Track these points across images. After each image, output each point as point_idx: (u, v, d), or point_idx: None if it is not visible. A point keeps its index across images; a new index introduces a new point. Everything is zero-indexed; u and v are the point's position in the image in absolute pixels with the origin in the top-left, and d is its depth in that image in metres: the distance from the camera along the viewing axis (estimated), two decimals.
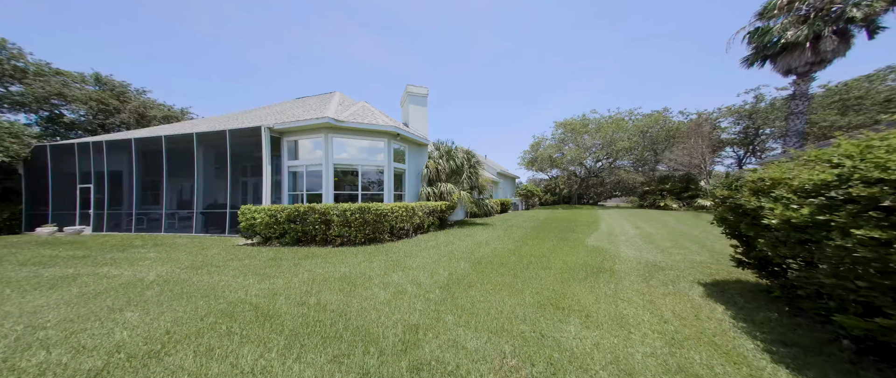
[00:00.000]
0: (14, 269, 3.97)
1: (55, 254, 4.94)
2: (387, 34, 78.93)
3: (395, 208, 6.14)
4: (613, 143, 25.75)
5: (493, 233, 7.78)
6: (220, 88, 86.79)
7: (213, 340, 1.99)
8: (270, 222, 5.32)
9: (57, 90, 12.98)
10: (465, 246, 5.67)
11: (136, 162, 7.60)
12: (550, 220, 11.51)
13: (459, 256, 4.73)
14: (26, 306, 2.59)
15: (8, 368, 1.64)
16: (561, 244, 5.94)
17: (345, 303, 2.69)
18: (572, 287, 3.18)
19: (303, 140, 7.20)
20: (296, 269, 3.83)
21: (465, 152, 9.93)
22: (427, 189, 8.75)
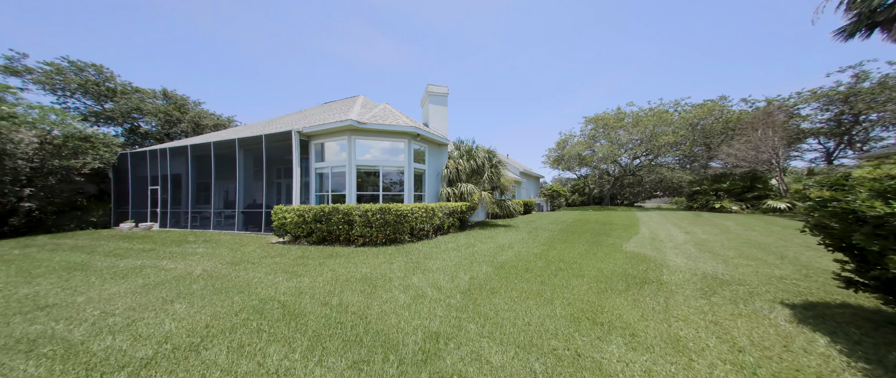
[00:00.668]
0: (100, 259, 4.74)
1: (130, 247, 5.82)
2: (408, 36, 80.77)
3: (414, 209, 6.15)
4: (654, 138, 23.07)
5: (516, 235, 7.43)
6: (259, 97, 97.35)
7: (245, 337, 2.09)
8: (299, 222, 5.67)
9: (136, 105, 15.47)
10: (487, 249, 5.46)
11: (191, 166, 8.69)
12: (580, 223, 10.72)
13: (481, 260, 4.56)
14: (104, 293, 3.03)
15: (84, 350, 1.89)
16: (594, 249, 5.43)
17: (365, 305, 2.70)
18: (611, 299, 2.84)
19: (328, 142, 7.58)
20: (320, 268, 3.99)
21: (486, 151, 9.66)
22: (447, 189, 8.68)
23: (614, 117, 25.65)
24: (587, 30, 59.78)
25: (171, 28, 41.98)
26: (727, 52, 51.54)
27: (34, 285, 3.36)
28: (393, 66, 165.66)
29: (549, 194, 22.62)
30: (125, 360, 1.77)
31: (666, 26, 57.19)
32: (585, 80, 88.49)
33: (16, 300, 2.88)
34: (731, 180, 17.62)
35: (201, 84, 55.80)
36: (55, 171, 8.81)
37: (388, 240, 5.87)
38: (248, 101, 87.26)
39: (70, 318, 2.41)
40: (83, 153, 9.28)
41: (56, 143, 8.81)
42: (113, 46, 32.86)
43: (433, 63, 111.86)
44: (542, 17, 58.01)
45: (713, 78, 53.85)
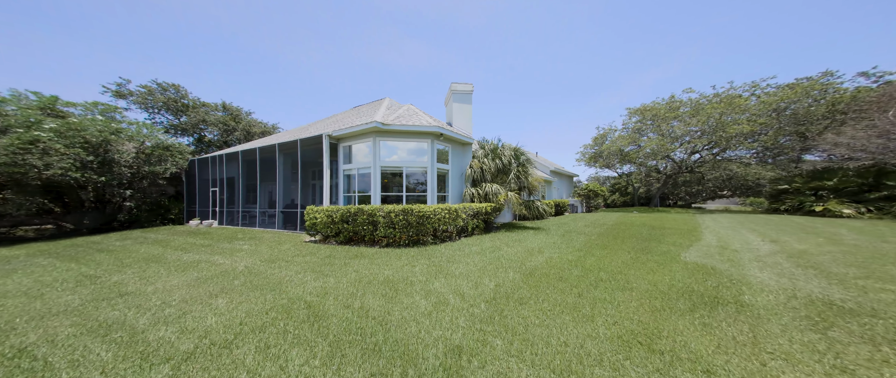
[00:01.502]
0: (171, 252, 5.59)
1: (194, 242, 6.79)
2: (435, 37, 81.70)
3: (437, 210, 6.07)
4: (721, 129, 19.37)
5: (546, 238, 6.89)
6: (298, 105, 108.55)
7: (271, 337, 2.18)
8: (328, 222, 6.00)
9: (202, 118, 18.27)
10: (514, 253, 5.12)
11: (241, 170, 9.90)
12: (622, 226, 9.55)
13: (507, 265, 4.28)
14: (168, 284, 3.51)
15: (142, 339, 2.15)
16: (642, 258, 4.72)
17: (386, 310, 2.66)
18: (671, 321, 2.37)
19: (355, 145, 7.93)
20: (345, 268, 4.12)
21: (512, 150, 9.17)
22: (471, 190, 8.44)
23: (666, 107, 22.32)
24: (633, 13, 53.20)
25: (231, 49, 49.21)
26: (828, 17, 39.88)
27: (122, 274, 4.07)
28: (420, 66, 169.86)
29: (585, 194, 20.70)
30: (171, 353, 1.95)
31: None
32: (630, 70, 79.28)
33: (107, 286, 3.49)
34: (842, 176, 13.77)
35: (252, 96, 64.09)
36: (146, 175, 10.81)
37: (411, 241, 5.90)
38: (288, 109, 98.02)
39: (139, 306, 2.81)
40: (165, 160, 11.23)
41: (147, 152, 10.80)
42: (187, 68, 40.32)
43: (460, 62, 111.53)
44: (580, 3, 53.43)
45: (807, 50, 42.49)
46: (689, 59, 59.51)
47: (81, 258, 5.26)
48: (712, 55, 57.20)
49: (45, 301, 3.03)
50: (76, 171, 8.49)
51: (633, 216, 14.50)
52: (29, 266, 4.72)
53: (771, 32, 44.22)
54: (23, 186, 8.26)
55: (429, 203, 7.74)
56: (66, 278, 3.90)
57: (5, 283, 3.78)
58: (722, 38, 52.59)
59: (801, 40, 43.21)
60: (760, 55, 48.60)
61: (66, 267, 4.57)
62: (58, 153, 8.17)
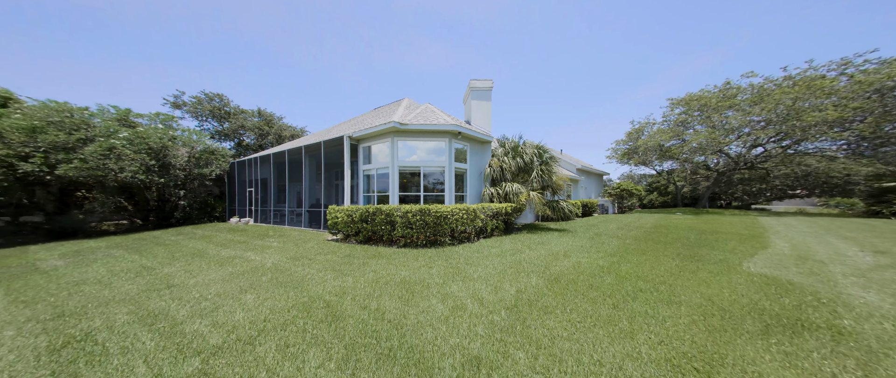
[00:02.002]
0: (212, 248, 6.21)
1: (232, 238, 7.49)
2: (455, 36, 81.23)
3: (455, 210, 5.98)
4: (795, 117, 16.31)
5: (573, 241, 6.44)
6: (323, 108, 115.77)
7: (291, 336, 2.26)
8: (348, 221, 6.22)
9: (241, 123, 20.23)
10: (537, 256, 4.85)
11: (272, 171, 10.73)
12: (663, 229, 8.59)
13: (530, 269, 4.06)
14: (207, 278, 3.86)
15: (180, 331, 2.36)
16: (691, 266, 4.17)
17: (401, 313, 2.64)
18: (737, 346, 2.02)
19: (374, 145, 8.13)
20: (363, 268, 4.20)
21: (534, 147, 8.72)
22: (490, 189, 8.20)
23: (719, 95, 19.52)
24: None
25: (265, 57, 54.11)
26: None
27: (171, 266, 4.59)
28: (440, 66, 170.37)
29: (617, 194, 19.07)
30: (202, 346, 2.10)
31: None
32: (668, 59, 70.85)
33: (159, 277, 3.95)
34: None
35: (282, 101, 69.68)
36: (196, 177, 12.24)
37: (428, 242, 5.88)
38: (316, 113, 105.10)
39: (181, 298, 3.12)
40: (211, 163, 12.62)
41: (197, 156, 12.22)
42: (228, 75, 45.25)
43: (481, 60, 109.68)
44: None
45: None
46: (742, 43, 51.08)
47: (143, 251, 6.08)
48: (769, 39, 47.56)
49: (112, 289, 3.51)
50: (142, 174, 9.89)
51: (676, 218, 13.02)
52: (105, 257, 5.56)
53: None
54: (104, 187, 9.83)
55: (446, 203, 7.67)
56: (129, 269, 4.51)
57: (87, 271, 4.48)
58: (779, 21, 42.65)
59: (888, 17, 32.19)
60: (831, 36, 38.02)
61: (131, 258, 5.30)
62: (128, 158, 9.58)
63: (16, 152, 8.22)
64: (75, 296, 3.28)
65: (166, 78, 39.10)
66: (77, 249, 6.58)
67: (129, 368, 1.82)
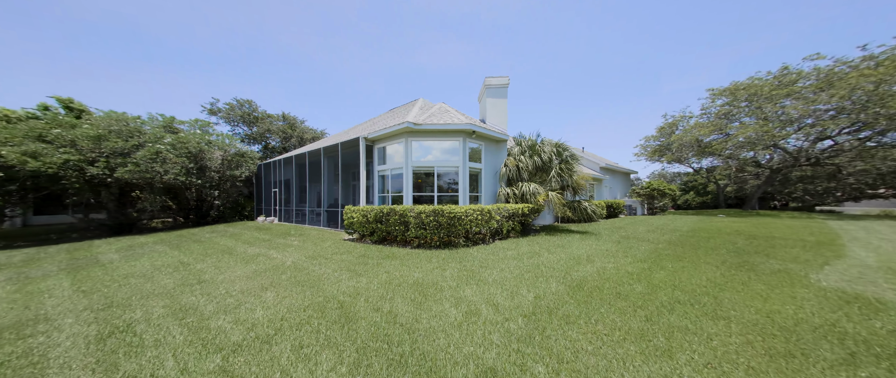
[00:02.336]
0: (240, 245, 6.67)
1: (258, 236, 8.00)
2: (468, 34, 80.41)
3: (469, 211, 5.87)
4: (878, 103, 13.73)
5: (597, 244, 6.04)
6: (342, 110, 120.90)
7: (305, 336, 2.31)
8: (363, 221, 6.36)
9: (267, 127, 21.66)
10: (557, 260, 4.62)
11: (294, 172, 11.33)
12: (703, 233, 7.78)
13: (549, 274, 3.86)
14: (233, 275, 4.13)
15: (206, 326, 2.51)
16: (741, 276, 3.72)
17: (414, 317, 2.61)
18: (813, 376, 1.71)
19: (389, 146, 8.25)
20: (377, 269, 4.25)
21: (553, 145, 8.32)
22: (506, 190, 7.97)
23: (773, 82, 17.14)
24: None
25: (288, 63, 57.74)
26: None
27: (204, 262, 4.98)
28: (456, 66, 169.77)
29: (646, 194, 17.66)
30: (224, 343, 2.21)
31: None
32: (704, 49, 63.49)
33: (193, 273, 4.30)
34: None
35: (304, 105, 73.84)
36: (228, 178, 13.30)
37: (442, 243, 5.84)
38: (335, 115, 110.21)
39: (209, 294, 3.34)
40: (241, 165, 13.65)
41: (229, 159, 13.28)
42: (256, 82, 49.22)
43: (498, 58, 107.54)
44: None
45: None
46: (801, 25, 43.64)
47: (182, 247, 6.69)
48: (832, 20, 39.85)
49: (153, 282, 3.87)
50: (183, 176, 10.93)
51: (718, 221, 11.77)
52: (151, 252, 6.19)
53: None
54: (152, 188, 11.01)
55: (460, 203, 7.57)
56: (169, 264, 4.96)
57: (135, 265, 5.00)
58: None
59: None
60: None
61: (171, 254, 5.85)
62: (171, 161, 10.65)
63: (85, 158, 9.48)
64: (123, 288, 3.65)
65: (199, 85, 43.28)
66: (130, 244, 7.42)
67: (159, 362, 1.95)
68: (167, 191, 12.03)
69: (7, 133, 8.84)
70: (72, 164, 9.12)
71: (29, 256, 6.32)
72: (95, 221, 11.53)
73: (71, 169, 9.15)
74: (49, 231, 11.75)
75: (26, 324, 2.68)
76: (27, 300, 3.36)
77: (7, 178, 8.71)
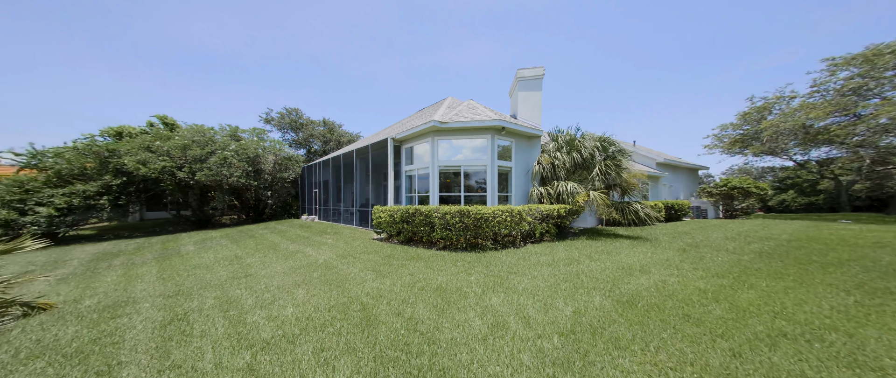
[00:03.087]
0: (284, 242, 7.38)
1: (300, 234, 8.80)
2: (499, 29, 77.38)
3: (497, 212, 5.53)
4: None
5: (653, 252, 5.17)
6: (376, 113, 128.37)
7: (327, 339, 2.33)
8: (390, 221, 6.47)
9: (310, 133, 23.98)
10: (601, 269, 4.05)
11: (331, 174, 12.24)
12: (816, 242, 6.02)
13: (591, 285, 3.39)
14: (273, 270, 4.52)
15: (243, 320, 2.71)
16: (894, 305, 2.70)
17: (435, 325, 2.47)
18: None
19: (416, 145, 8.30)
20: (401, 270, 4.23)
21: (596, 140, 7.39)
22: (539, 189, 7.35)
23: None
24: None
25: (329, 72, 63.33)
26: None
27: (253, 257, 5.60)
28: (489, 63, 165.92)
29: (722, 193, 14.62)
30: (255, 340, 2.34)
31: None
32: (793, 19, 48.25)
33: (243, 266, 4.84)
34: None
35: (341, 109, 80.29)
36: (279, 180, 15.06)
37: (468, 245, 5.61)
38: (369, 118, 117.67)
39: (252, 288, 3.68)
40: (289, 168, 15.34)
41: (280, 162, 15.03)
42: (303, 92, 55.26)
43: (531, 50, 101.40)
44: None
45: None
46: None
47: (239, 241, 7.69)
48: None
49: (212, 274, 4.45)
50: (244, 178, 12.71)
51: (840, 228, 9.10)
52: (216, 246, 7.24)
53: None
54: (221, 189, 13.05)
55: (488, 204, 7.22)
56: (227, 257, 5.71)
57: (203, 257, 5.87)
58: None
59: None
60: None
61: (230, 248, 6.75)
62: (235, 166, 12.46)
63: (175, 164, 11.66)
64: (190, 278, 4.27)
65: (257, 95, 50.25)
66: (203, 238, 8.84)
67: (200, 354, 2.13)
68: (233, 191, 14.13)
69: (127, 146, 11.38)
70: (167, 170, 11.30)
71: (138, 245, 7.95)
72: (184, 217, 14.15)
73: (166, 173, 11.36)
74: (154, 224, 14.86)
75: (119, 305, 3.26)
76: (126, 284, 4.14)
77: (128, 181, 11.26)
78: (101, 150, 11.11)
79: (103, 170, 10.91)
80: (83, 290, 3.94)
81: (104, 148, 11.23)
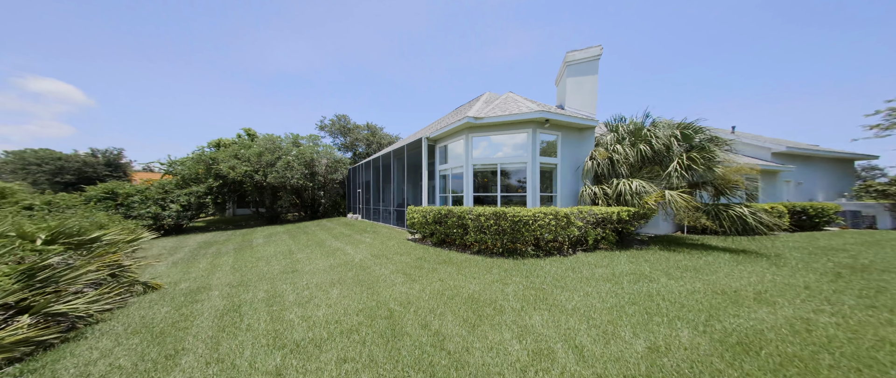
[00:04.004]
0: (329, 239, 8.07)
1: (344, 232, 9.54)
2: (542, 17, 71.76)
3: (538, 215, 4.92)
4: None
5: (776, 274, 3.90)
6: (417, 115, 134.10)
7: (351, 349, 2.28)
8: (423, 222, 6.42)
9: (356, 137, 26.24)
10: (687, 292, 3.18)
11: (372, 175, 13.03)
12: None
13: (673, 312, 2.67)
14: (316, 267, 4.87)
15: (282, 317, 2.89)
16: None
17: (464, 344, 2.22)
18: None
19: (450, 144, 8.11)
20: (431, 275, 4.07)
21: (674, 127, 5.96)
22: (592, 189, 6.32)
23: None
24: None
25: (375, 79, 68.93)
26: None
27: (302, 253, 6.20)
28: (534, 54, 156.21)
29: None
30: (287, 340, 2.43)
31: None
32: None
33: (292, 261, 5.37)
34: None
35: (383, 112, 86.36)
36: (330, 181, 16.85)
37: (505, 250, 5.14)
38: (410, 119, 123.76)
39: (295, 284, 3.99)
40: (338, 170, 17.02)
41: (330, 165, 16.81)
42: (353, 100, 61.53)
43: (582, 35, 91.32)
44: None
45: None
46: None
47: (295, 237, 8.73)
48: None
49: (270, 266, 5.04)
50: (302, 180, 14.60)
51: None
52: (277, 240, 8.35)
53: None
54: (285, 190, 15.25)
55: (529, 205, 6.54)
56: (282, 251, 6.47)
57: (266, 250, 6.79)
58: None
59: None
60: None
61: (287, 243, 7.69)
62: (295, 169, 14.41)
63: (253, 168, 14.12)
64: (252, 270, 4.91)
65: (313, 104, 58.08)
66: (271, 233, 10.38)
67: (240, 349, 2.29)
68: (294, 191, 16.39)
69: (223, 154, 14.29)
70: (247, 173, 13.76)
71: (227, 237, 9.79)
72: (260, 214, 17.05)
73: (247, 176, 13.85)
74: (241, 219, 18.33)
75: (200, 290, 3.89)
76: (210, 271, 5.00)
77: (224, 183, 14.16)
78: (207, 158, 14.20)
79: (208, 174, 13.92)
80: (183, 274, 4.90)
81: (208, 157, 14.32)
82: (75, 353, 2.29)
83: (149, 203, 11.59)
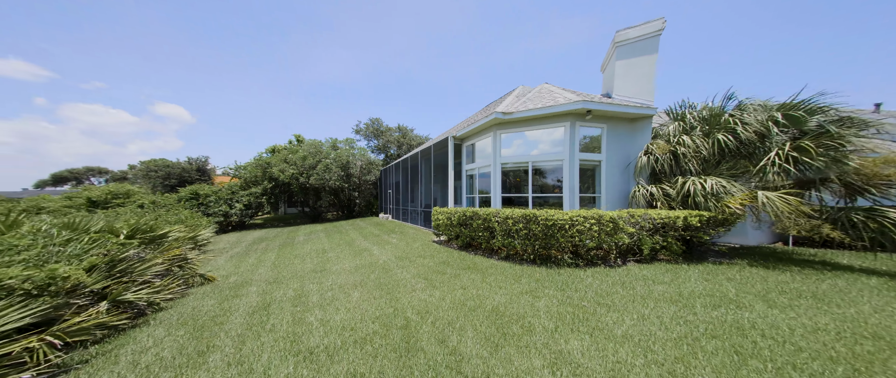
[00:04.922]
0: (359, 238, 8.40)
1: (373, 232, 9.87)
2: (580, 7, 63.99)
3: (577, 218, 4.30)
4: None
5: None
6: (448, 114, 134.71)
7: (362, 363, 2.18)
8: (447, 224, 6.21)
9: (388, 139, 27.43)
10: (805, 329, 2.39)
11: (401, 175, 13.34)
12: None
13: (783, 358, 2.00)
14: (342, 267, 5.02)
15: (302, 319, 2.96)
16: None
17: (485, 368, 1.97)
18: None
19: (477, 142, 7.75)
20: (453, 281, 3.85)
21: (772, 110, 4.66)
22: (647, 189, 5.35)
23: None
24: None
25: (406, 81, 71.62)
26: None
27: (333, 252, 6.52)
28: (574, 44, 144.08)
29: None
30: (302, 347, 2.44)
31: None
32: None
33: (323, 260, 5.66)
34: None
35: (412, 114, 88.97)
36: (364, 182, 17.87)
37: (537, 257, 4.62)
38: (442, 118, 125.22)
39: (321, 283, 4.13)
40: (371, 172, 17.96)
41: (364, 167, 17.83)
42: (388, 104, 64.99)
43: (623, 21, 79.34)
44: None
45: None
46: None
47: (330, 235, 9.34)
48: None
49: (303, 264, 5.38)
50: (338, 182, 15.77)
51: None
52: (315, 239, 9.02)
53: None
54: (325, 190, 16.65)
55: (566, 207, 5.82)
56: (317, 250, 6.91)
57: (304, 248, 7.35)
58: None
59: None
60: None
61: (322, 241, 8.23)
62: (333, 171, 15.62)
63: (299, 171, 15.75)
64: (289, 267, 5.30)
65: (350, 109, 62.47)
66: (311, 231, 11.34)
67: (259, 352, 2.36)
68: (332, 192, 17.83)
69: (275, 159, 16.30)
70: (294, 176, 15.42)
71: (276, 234, 11.01)
72: (305, 213, 18.96)
73: (293, 178, 15.53)
74: (290, 217, 20.67)
75: (243, 285, 4.30)
76: (255, 267, 5.55)
77: (276, 185, 16.16)
78: (263, 163, 16.33)
79: (264, 177, 15.99)
80: (235, 268, 5.54)
81: (264, 161, 16.46)
82: (137, 340, 2.64)
83: (220, 203, 13.77)
